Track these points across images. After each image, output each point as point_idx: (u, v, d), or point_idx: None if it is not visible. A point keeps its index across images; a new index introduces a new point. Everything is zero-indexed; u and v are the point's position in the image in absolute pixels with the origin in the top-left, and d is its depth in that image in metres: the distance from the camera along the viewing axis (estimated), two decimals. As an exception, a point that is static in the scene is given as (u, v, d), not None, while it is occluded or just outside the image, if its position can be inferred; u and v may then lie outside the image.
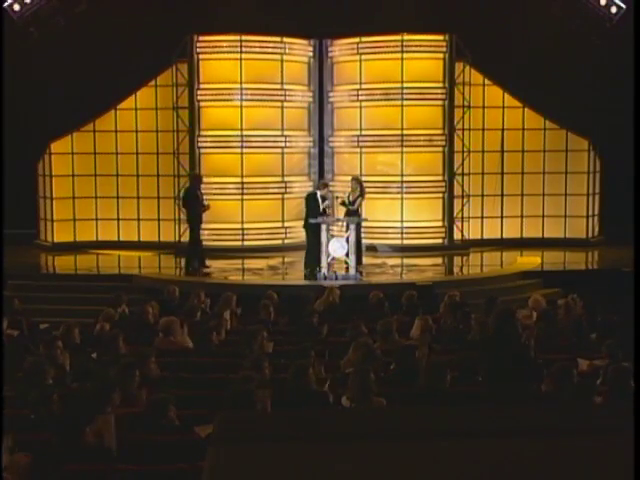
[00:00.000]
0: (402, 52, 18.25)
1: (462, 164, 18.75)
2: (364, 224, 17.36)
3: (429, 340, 9.19)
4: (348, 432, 2.71)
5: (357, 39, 18.52)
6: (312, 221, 15.32)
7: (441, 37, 18.37)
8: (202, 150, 18.43)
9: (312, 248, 15.09)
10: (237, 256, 17.26)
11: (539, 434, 2.70)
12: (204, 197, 16.00)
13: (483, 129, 18.93)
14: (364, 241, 16.26)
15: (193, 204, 15.66)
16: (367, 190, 18.76)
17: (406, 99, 18.33)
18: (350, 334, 9.42)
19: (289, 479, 2.45)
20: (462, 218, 18.84)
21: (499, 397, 7.06)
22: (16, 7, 18.44)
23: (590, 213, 19.21)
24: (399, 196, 18.50)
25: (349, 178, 18.79)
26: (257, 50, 18.41)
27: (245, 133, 18.33)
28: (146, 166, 18.82)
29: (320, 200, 15.34)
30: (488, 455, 2.59)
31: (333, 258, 14.83)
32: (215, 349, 9.41)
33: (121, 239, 18.94)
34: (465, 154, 18.74)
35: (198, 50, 18.31)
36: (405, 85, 18.29)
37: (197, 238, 15.92)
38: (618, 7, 18.47)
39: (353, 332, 9.40)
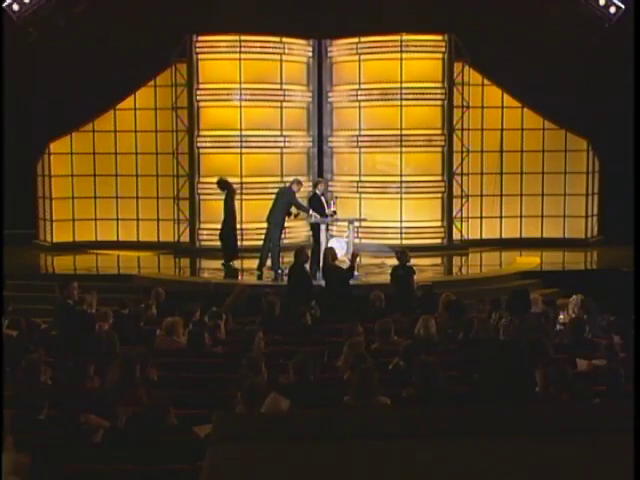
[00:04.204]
0: (401, 52, 18.26)
1: (461, 164, 18.76)
2: (364, 224, 17.45)
3: (433, 339, 9.22)
4: (349, 432, 2.71)
5: (356, 39, 18.52)
6: (312, 221, 15.35)
7: (440, 37, 18.37)
8: (201, 150, 18.44)
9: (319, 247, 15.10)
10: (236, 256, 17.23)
11: (538, 434, 2.70)
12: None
13: (482, 129, 18.94)
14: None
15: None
16: (367, 190, 18.90)
17: (405, 99, 18.34)
18: (346, 334, 9.42)
19: (289, 479, 2.45)
20: (461, 218, 18.85)
21: (497, 397, 7.05)
22: (15, 7, 18.43)
23: (589, 213, 19.22)
24: (398, 196, 18.50)
25: (349, 178, 18.86)
26: (256, 50, 18.41)
27: (244, 133, 18.33)
28: (145, 166, 18.82)
29: (323, 199, 15.39)
30: (488, 455, 2.59)
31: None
32: (213, 349, 9.42)
33: (120, 239, 18.95)
34: (464, 154, 18.75)
35: (197, 50, 18.31)
36: (404, 85, 18.29)
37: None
38: (617, 7, 18.47)
39: (348, 332, 9.41)
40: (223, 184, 16.60)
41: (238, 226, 18.02)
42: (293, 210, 15.49)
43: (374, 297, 11.73)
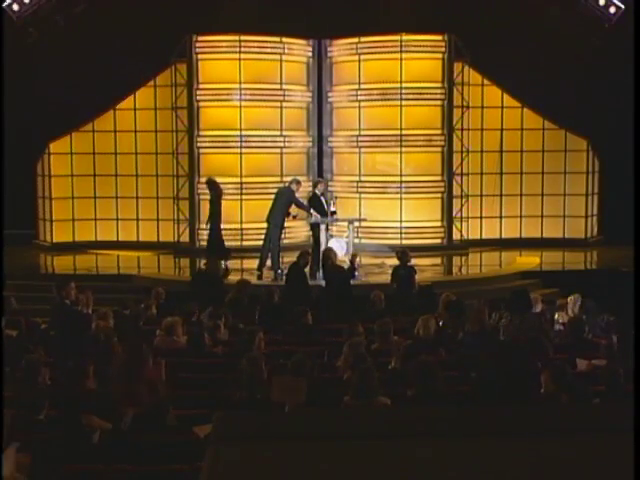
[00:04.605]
0: (401, 52, 18.26)
1: (461, 164, 18.76)
2: (364, 224, 17.46)
3: (432, 339, 9.22)
4: (349, 432, 2.71)
5: (356, 39, 18.52)
6: (312, 221, 15.36)
7: (440, 37, 18.37)
8: (201, 150, 18.44)
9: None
10: (236, 256, 17.24)
11: (538, 434, 2.70)
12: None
13: (482, 129, 18.94)
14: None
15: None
16: (366, 190, 18.94)
17: (405, 99, 18.34)
18: (346, 334, 9.43)
19: (289, 479, 2.45)
20: (461, 218, 18.86)
21: (496, 396, 7.05)
22: (15, 7, 18.43)
23: (589, 213, 19.23)
24: (398, 196, 18.51)
25: (349, 178, 18.87)
26: (256, 50, 18.42)
27: (244, 133, 18.34)
28: (145, 166, 18.82)
29: (323, 199, 15.41)
30: (488, 455, 2.59)
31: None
32: (213, 349, 9.42)
33: (120, 239, 18.95)
34: (464, 154, 18.75)
35: (197, 50, 18.31)
36: (404, 85, 18.30)
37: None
38: (617, 7, 18.47)
39: (349, 332, 9.42)
40: (212, 184, 16.51)
41: (238, 226, 18.09)
42: (292, 211, 15.49)
43: (374, 297, 11.73)
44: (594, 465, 2.52)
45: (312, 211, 15.22)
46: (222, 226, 17.32)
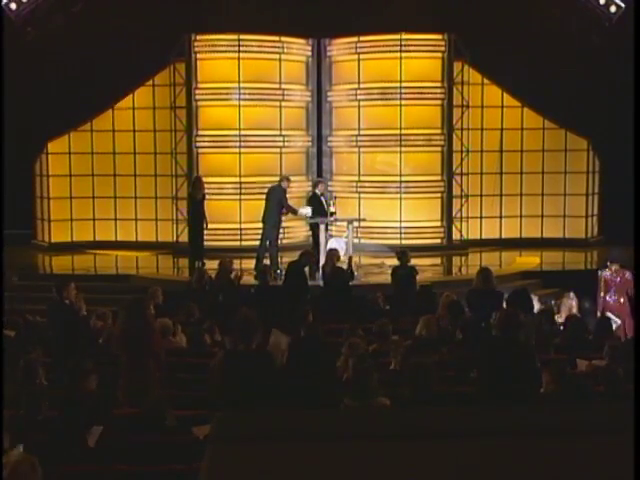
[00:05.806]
0: (400, 51, 18.25)
1: (461, 164, 18.75)
2: (363, 224, 17.46)
3: (433, 339, 9.22)
4: (348, 432, 2.70)
5: (355, 38, 18.51)
6: (310, 220, 15.36)
7: (440, 36, 18.36)
8: (200, 150, 18.42)
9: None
10: (235, 256, 17.20)
11: (538, 434, 2.69)
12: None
13: (482, 129, 18.93)
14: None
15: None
16: (366, 190, 18.94)
17: (404, 99, 18.33)
18: (346, 335, 9.42)
19: (288, 479, 2.44)
20: (461, 218, 18.85)
21: (496, 396, 7.03)
22: (13, 6, 18.42)
23: (589, 213, 19.22)
24: (398, 196, 18.50)
25: (348, 178, 18.85)
26: (255, 49, 18.40)
27: (243, 133, 18.32)
28: (144, 166, 18.80)
29: (323, 199, 15.42)
30: (487, 455, 2.58)
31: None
32: (213, 349, 9.41)
33: (118, 239, 18.93)
34: (464, 154, 18.74)
35: (196, 49, 18.30)
36: (404, 85, 18.29)
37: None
38: (617, 6, 18.47)
39: (349, 333, 9.41)
40: (197, 182, 16.32)
41: (237, 226, 18.08)
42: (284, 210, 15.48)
43: (374, 298, 11.73)
44: (594, 465, 2.51)
45: (300, 210, 15.31)
46: (221, 226, 17.35)
